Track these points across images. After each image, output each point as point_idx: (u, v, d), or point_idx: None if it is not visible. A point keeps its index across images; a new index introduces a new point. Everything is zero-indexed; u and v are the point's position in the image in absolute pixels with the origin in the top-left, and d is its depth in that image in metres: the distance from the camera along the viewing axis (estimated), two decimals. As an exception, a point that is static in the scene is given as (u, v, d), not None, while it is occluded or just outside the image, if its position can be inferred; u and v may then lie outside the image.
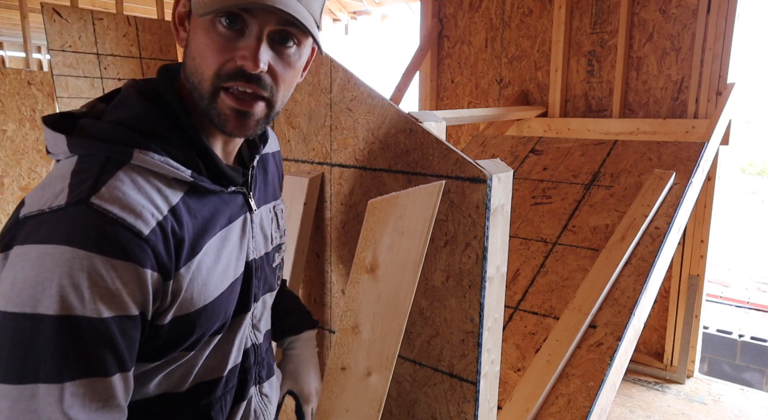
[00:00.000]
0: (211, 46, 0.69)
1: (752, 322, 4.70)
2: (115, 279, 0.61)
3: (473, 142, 2.94)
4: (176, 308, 0.70)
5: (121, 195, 0.63)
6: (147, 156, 0.66)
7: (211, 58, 0.69)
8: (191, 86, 0.71)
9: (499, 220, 1.00)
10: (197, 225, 0.71)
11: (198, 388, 0.78)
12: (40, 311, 0.58)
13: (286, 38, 0.71)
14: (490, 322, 1.04)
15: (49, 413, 0.58)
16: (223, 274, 0.76)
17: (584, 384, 1.64)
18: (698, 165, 2.23)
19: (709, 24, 2.84)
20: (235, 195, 0.79)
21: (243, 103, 0.71)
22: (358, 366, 0.87)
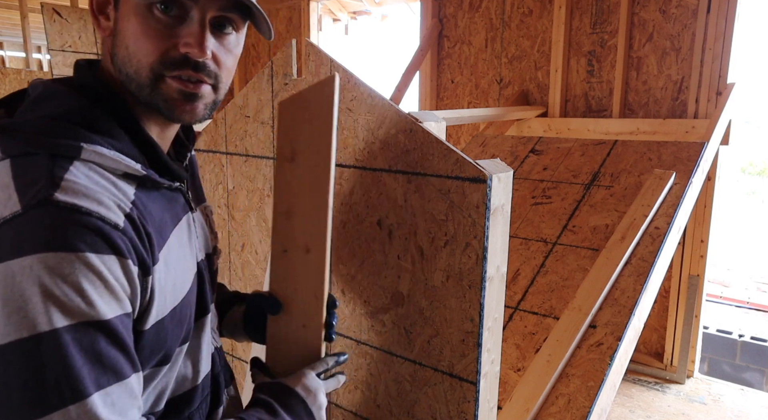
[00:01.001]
0: (149, 33, 0.66)
1: (752, 322, 4.70)
2: (109, 275, 0.58)
3: (473, 142, 2.94)
4: (154, 312, 0.66)
5: (84, 188, 0.59)
6: (96, 150, 0.62)
7: (149, 45, 0.66)
8: (125, 77, 0.68)
9: (499, 220, 1.00)
10: (155, 223, 0.67)
11: (176, 402, 0.76)
12: (42, 329, 0.53)
13: (225, 24, 0.70)
14: (490, 322, 1.04)
15: None
16: (185, 275, 0.73)
17: (584, 384, 1.64)
18: (698, 165, 2.23)
19: (709, 24, 2.84)
20: (176, 193, 0.75)
21: (189, 86, 0.68)
22: (297, 246, 0.90)
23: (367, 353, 1.24)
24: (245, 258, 1.53)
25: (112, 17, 0.69)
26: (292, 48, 1.32)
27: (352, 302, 1.26)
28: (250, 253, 1.52)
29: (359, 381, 1.28)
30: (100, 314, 0.57)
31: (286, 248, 0.91)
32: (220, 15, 0.69)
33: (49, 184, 0.57)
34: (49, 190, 0.57)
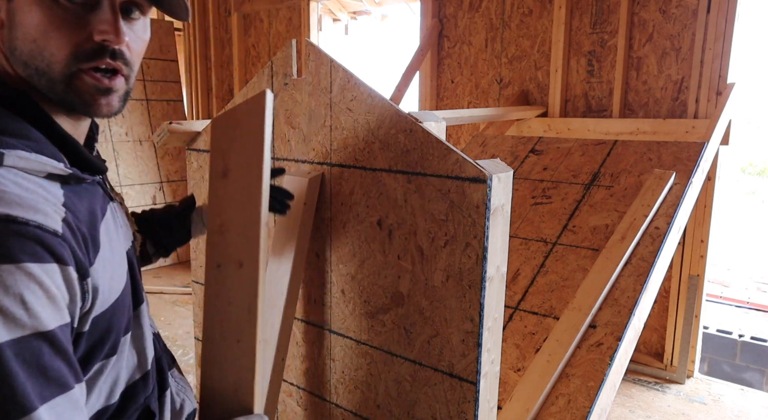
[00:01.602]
0: (57, 23, 0.62)
1: (752, 322, 4.70)
2: (51, 284, 0.56)
3: (473, 142, 2.94)
4: (95, 310, 0.65)
5: (17, 197, 0.56)
6: (18, 155, 0.59)
7: (60, 38, 0.62)
8: (33, 72, 0.64)
9: (499, 220, 1.00)
10: (86, 218, 0.66)
11: (131, 391, 0.76)
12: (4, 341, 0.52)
13: (132, 9, 0.68)
14: (490, 322, 1.04)
15: None
16: (119, 267, 0.73)
17: (584, 384, 1.64)
18: (698, 165, 2.23)
19: (709, 24, 2.84)
20: (96, 186, 0.73)
21: (105, 81, 0.66)
22: (231, 260, 0.91)
23: (367, 353, 1.24)
24: (245, 258, 1.53)
25: (3, 8, 0.64)
26: (292, 48, 1.32)
27: (352, 302, 1.26)
28: (250, 253, 1.52)
29: (359, 381, 1.28)
30: (43, 325, 0.55)
31: (220, 263, 0.91)
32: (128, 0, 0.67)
33: None
34: None
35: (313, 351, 1.38)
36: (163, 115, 4.89)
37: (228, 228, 0.91)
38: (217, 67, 5.17)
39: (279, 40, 4.72)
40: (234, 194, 0.92)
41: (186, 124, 1.57)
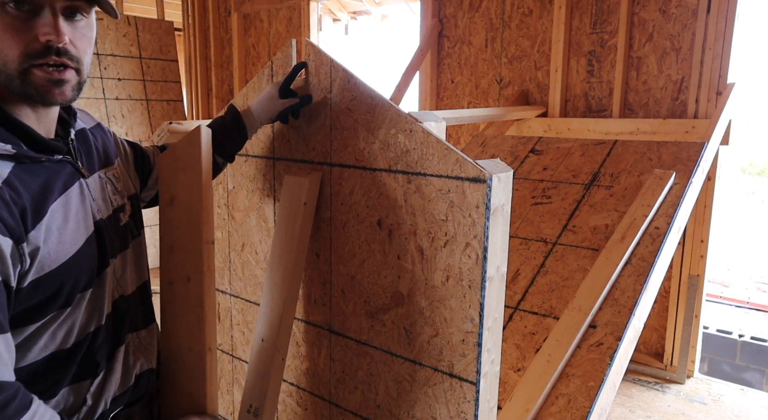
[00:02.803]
0: (7, 29, 0.73)
1: (752, 322, 4.70)
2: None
3: (473, 142, 2.94)
4: (37, 268, 0.76)
5: None
6: None
7: (11, 40, 0.74)
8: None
9: (499, 220, 1.00)
10: (34, 193, 0.77)
11: (83, 341, 0.86)
12: None
13: (74, 12, 0.79)
14: (490, 322, 1.04)
15: None
16: (76, 233, 0.83)
17: (584, 384, 1.64)
18: (698, 165, 2.23)
19: (709, 24, 2.84)
20: (64, 164, 0.85)
21: (55, 73, 0.77)
22: (180, 277, 1.01)
23: (367, 353, 1.24)
24: (245, 258, 1.53)
25: None
26: (292, 48, 1.32)
27: (351, 302, 1.26)
28: (250, 253, 1.52)
29: (359, 381, 1.28)
30: None
31: (171, 280, 1.02)
32: (68, 4, 0.77)
33: None
34: None
35: (313, 351, 1.38)
36: (163, 115, 4.89)
37: (176, 248, 1.02)
38: (217, 67, 5.17)
39: (279, 40, 4.72)
40: (180, 218, 1.03)
41: (186, 124, 1.58)
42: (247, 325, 1.58)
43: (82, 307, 0.86)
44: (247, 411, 1.26)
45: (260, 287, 1.49)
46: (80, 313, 0.85)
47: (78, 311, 0.85)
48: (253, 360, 1.30)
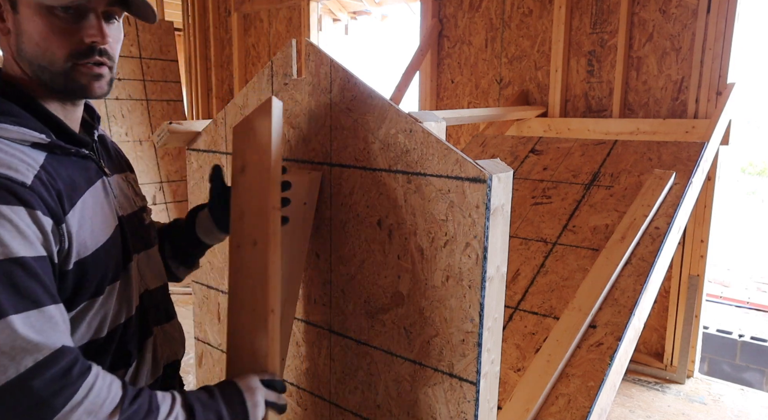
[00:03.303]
0: (56, 32, 0.80)
1: (752, 322, 4.71)
2: (20, 222, 0.70)
3: (473, 142, 2.94)
4: (75, 253, 0.80)
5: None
6: (1, 128, 0.76)
7: (59, 42, 0.81)
8: (37, 68, 0.82)
9: (499, 220, 1.00)
10: (66, 182, 0.81)
11: (115, 331, 0.91)
12: None
13: (111, 16, 0.87)
14: (490, 322, 1.04)
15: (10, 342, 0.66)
16: (103, 225, 0.88)
17: (584, 384, 1.64)
18: (698, 165, 2.23)
19: (709, 24, 2.84)
20: (88, 161, 0.90)
21: (96, 69, 0.85)
22: (247, 240, 1.04)
23: (367, 353, 1.24)
24: (245, 258, 1.53)
25: (9, 20, 0.82)
26: (292, 48, 1.32)
27: (351, 302, 1.26)
28: (250, 253, 1.52)
29: (359, 381, 1.28)
30: (14, 252, 0.69)
31: (239, 244, 1.05)
32: (106, 9, 0.85)
33: None
34: None
35: (313, 351, 1.38)
36: (163, 115, 4.89)
37: (245, 214, 1.06)
38: (217, 67, 5.17)
39: (279, 40, 4.72)
40: (250, 186, 1.07)
41: (186, 125, 1.57)
42: (247, 325, 1.58)
43: (113, 298, 0.90)
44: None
45: (260, 287, 1.49)
46: (112, 304, 0.90)
47: (110, 302, 0.89)
48: (253, 360, 1.30)
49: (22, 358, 0.67)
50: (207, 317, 1.68)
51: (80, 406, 0.70)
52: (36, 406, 0.67)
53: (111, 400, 0.74)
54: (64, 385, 0.69)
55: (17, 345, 0.67)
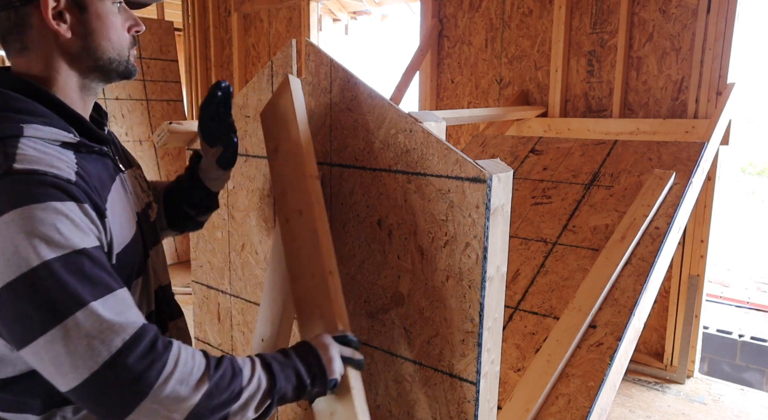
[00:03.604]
0: (120, 23, 0.89)
1: (752, 322, 4.71)
2: (74, 216, 0.73)
3: (473, 142, 2.94)
4: (115, 246, 0.83)
5: (35, 157, 0.74)
6: (34, 127, 0.78)
7: (123, 32, 0.89)
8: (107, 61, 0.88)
9: (499, 220, 1.00)
10: (95, 179, 0.83)
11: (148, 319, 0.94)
12: (34, 263, 0.68)
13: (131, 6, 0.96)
14: (490, 322, 1.04)
15: (97, 326, 0.69)
16: (128, 221, 0.90)
17: (584, 384, 1.64)
18: (698, 165, 2.23)
19: (709, 24, 2.84)
20: (106, 158, 0.91)
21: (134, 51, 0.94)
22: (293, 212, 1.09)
23: (367, 353, 1.24)
24: (245, 258, 1.53)
25: (72, 20, 0.84)
26: (292, 48, 1.32)
27: (352, 302, 1.26)
28: (250, 253, 1.52)
29: (359, 381, 1.28)
30: (77, 244, 0.72)
31: (288, 218, 1.09)
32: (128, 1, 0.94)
33: (6, 160, 0.72)
34: (8, 163, 0.72)
35: (313, 351, 1.38)
36: (162, 115, 4.89)
37: (287, 190, 1.11)
38: (217, 67, 5.17)
39: (279, 40, 4.72)
40: (285, 162, 1.12)
41: (186, 124, 1.57)
42: (247, 325, 1.58)
43: (137, 293, 0.93)
44: (247, 411, 1.26)
45: (260, 287, 1.49)
46: (135, 299, 0.91)
47: (134, 297, 0.91)
48: (253, 360, 1.30)
49: (112, 340, 0.70)
50: (207, 317, 1.68)
51: (172, 376, 0.73)
52: (133, 382, 0.70)
53: (198, 368, 0.76)
54: (153, 359, 0.72)
55: (104, 328, 0.70)
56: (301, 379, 0.86)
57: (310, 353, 0.90)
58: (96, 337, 0.69)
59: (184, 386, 0.74)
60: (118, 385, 0.70)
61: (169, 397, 0.72)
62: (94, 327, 0.69)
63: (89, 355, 0.69)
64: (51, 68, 0.85)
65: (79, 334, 0.68)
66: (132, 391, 0.70)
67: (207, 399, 0.76)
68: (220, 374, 0.78)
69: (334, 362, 0.90)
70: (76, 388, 0.70)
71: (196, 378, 0.75)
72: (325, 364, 0.89)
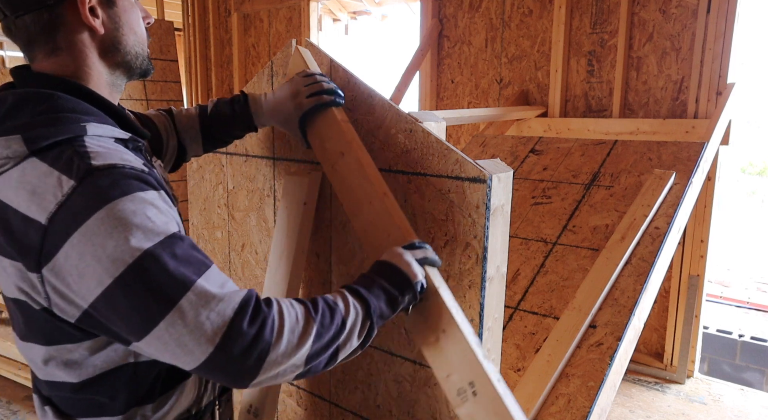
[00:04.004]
0: (140, 17, 0.90)
1: (752, 322, 4.71)
2: (159, 203, 0.75)
3: (473, 142, 2.94)
4: None
5: (106, 153, 0.76)
6: (95, 126, 0.79)
7: (143, 26, 0.91)
8: (133, 56, 0.89)
9: (499, 220, 1.00)
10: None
11: None
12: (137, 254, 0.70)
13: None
14: (490, 322, 1.04)
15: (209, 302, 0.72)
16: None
17: (584, 384, 1.64)
18: (698, 165, 2.23)
19: (709, 24, 2.84)
20: (140, 153, 0.90)
21: None
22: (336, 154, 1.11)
23: (367, 353, 1.24)
24: (245, 258, 1.53)
25: (104, 15, 0.85)
26: (292, 48, 1.32)
27: (352, 302, 1.26)
28: (250, 253, 1.52)
29: (359, 381, 1.28)
30: (169, 230, 0.74)
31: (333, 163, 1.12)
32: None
33: (83, 159, 0.73)
34: (86, 162, 0.73)
35: (313, 351, 1.38)
36: (163, 115, 4.88)
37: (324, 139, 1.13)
38: (217, 67, 5.17)
39: (279, 40, 4.72)
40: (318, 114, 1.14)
41: (186, 124, 1.57)
42: (247, 325, 1.58)
43: None
44: (248, 411, 1.26)
45: (260, 287, 1.49)
46: None
47: None
48: (253, 360, 1.30)
49: (224, 311, 0.72)
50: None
51: (284, 329, 0.76)
52: (253, 344, 0.73)
53: (300, 314, 0.79)
54: (263, 319, 0.74)
55: (215, 302, 0.72)
56: (389, 293, 0.88)
57: (386, 267, 0.91)
58: (212, 311, 0.71)
59: (296, 334, 0.77)
60: (241, 350, 0.72)
61: (287, 349, 0.75)
62: (206, 303, 0.72)
63: (209, 329, 0.71)
64: (85, 66, 0.85)
65: (195, 312, 0.71)
66: (255, 353, 0.73)
67: (317, 339, 0.79)
68: (321, 313, 0.80)
69: (413, 266, 0.91)
70: (204, 363, 0.72)
71: (302, 324, 0.78)
72: (404, 271, 0.90)
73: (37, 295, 0.75)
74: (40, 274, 0.73)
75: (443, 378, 0.89)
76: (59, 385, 0.84)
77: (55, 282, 0.73)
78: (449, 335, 0.89)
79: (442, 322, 0.91)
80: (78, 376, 0.82)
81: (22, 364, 3.13)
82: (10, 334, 3.24)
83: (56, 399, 0.87)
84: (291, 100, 1.12)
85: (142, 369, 0.85)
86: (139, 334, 0.72)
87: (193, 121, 1.18)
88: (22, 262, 0.74)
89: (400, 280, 0.89)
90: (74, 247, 0.70)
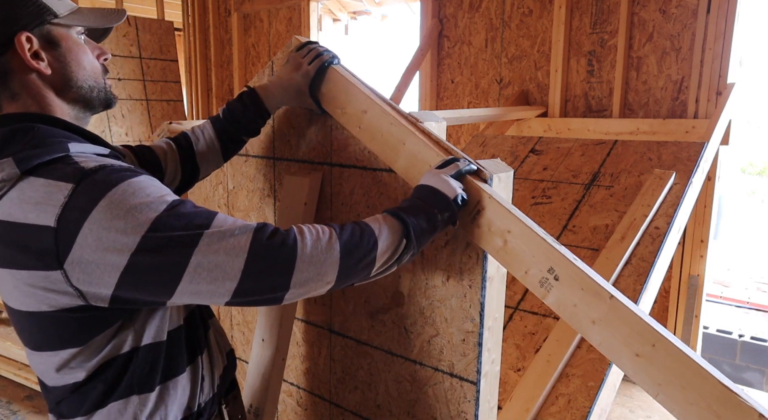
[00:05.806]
0: (89, 52, 0.94)
1: (752, 322, 4.70)
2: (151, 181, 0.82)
3: (473, 142, 2.94)
4: None
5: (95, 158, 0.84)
6: (75, 147, 0.86)
7: (93, 61, 0.94)
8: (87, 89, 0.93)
9: (499, 219, 1.00)
10: None
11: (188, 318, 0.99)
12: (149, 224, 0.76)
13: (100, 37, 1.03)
14: (490, 321, 1.04)
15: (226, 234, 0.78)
16: None
17: (584, 384, 1.64)
18: (698, 165, 2.23)
19: (709, 24, 2.84)
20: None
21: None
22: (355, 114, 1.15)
23: (367, 353, 1.24)
24: (245, 258, 1.53)
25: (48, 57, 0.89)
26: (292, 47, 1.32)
27: (352, 302, 1.26)
28: (251, 253, 1.52)
29: (359, 381, 1.28)
30: (168, 198, 0.80)
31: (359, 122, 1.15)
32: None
33: (76, 166, 0.80)
34: (81, 168, 0.80)
35: (313, 351, 1.38)
36: (163, 115, 4.88)
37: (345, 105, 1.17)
38: (217, 67, 5.17)
39: (279, 40, 4.72)
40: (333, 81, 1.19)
41: (186, 124, 1.57)
42: (247, 325, 1.58)
43: None
44: (248, 411, 1.26)
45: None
46: None
47: None
48: (254, 360, 1.30)
49: (243, 235, 0.78)
50: (207, 317, 1.68)
51: (306, 240, 0.81)
52: (278, 253, 0.79)
53: (323, 231, 0.84)
54: (284, 234, 0.81)
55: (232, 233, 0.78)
56: (427, 210, 0.92)
57: (422, 188, 0.95)
58: (231, 239, 0.78)
59: (320, 247, 0.82)
60: (268, 263, 0.78)
61: (313, 257, 0.81)
62: (224, 236, 0.78)
63: (234, 255, 0.77)
64: (46, 105, 0.90)
65: (217, 245, 0.77)
66: (281, 262, 0.79)
67: (347, 256, 0.84)
68: (348, 232, 0.85)
69: (450, 183, 0.94)
70: (238, 290, 0.78)
71: (326, 238, 0.83)
72: (440, 190, 0.93)
73: (60, 296, 0.79)
74: (63, 269, 0.77)
75: (522, 276, 0.92)
76: (69, 387, 0.87)
77: (78, 273, 0.77)
78: (515, 233, 0.92)
79: (504, 223, 0.93)
80: (87, 370, 0.86)
81: (22, 364, 3.14)
82: (10, 334, 3.24)
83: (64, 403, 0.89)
84: (296, 72, 1.19)
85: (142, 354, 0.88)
86: (171, 289, 0.78)
87: (212, 141, 1.22)
88: (42, 266, 0.78)
89: (437, 199, 0.93)
90: (87, 236, 0.75)
